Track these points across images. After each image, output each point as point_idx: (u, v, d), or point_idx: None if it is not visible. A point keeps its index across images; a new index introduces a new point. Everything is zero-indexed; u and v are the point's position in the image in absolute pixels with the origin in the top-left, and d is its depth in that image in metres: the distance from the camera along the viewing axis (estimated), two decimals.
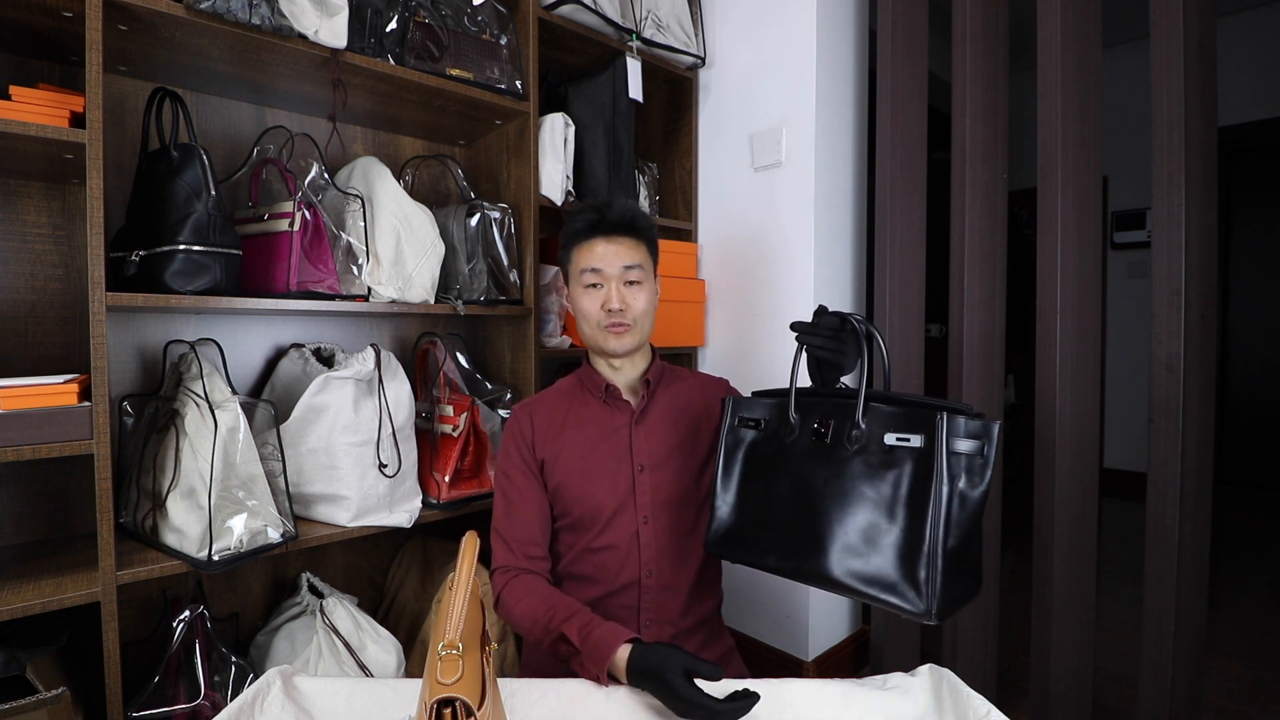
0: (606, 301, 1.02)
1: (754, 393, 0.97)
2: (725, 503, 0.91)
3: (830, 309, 0.87)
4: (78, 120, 1.03)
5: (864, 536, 0.74)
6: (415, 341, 1.62)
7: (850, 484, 0.76)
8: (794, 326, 0.89)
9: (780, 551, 0.82)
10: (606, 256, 1.02)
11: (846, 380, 0.92)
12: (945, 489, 0.69)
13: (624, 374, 1.09)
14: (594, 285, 1.04)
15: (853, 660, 1.84)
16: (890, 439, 0.74)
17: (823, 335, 0.85)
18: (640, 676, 0.77)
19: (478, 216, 1.46)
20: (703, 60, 1.89)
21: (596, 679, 0.81)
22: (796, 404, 0.86)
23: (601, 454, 1.04)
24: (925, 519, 0.69)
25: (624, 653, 0.79)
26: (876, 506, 0.74)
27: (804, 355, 0.88)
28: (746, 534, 0.87)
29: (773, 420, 0.89)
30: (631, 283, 1.04)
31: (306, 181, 1.31)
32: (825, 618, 1.75)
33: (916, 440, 0.72)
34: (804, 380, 0.89)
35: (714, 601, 1.10)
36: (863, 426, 0.77)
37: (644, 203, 1.96)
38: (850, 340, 0.85)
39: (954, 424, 0.70)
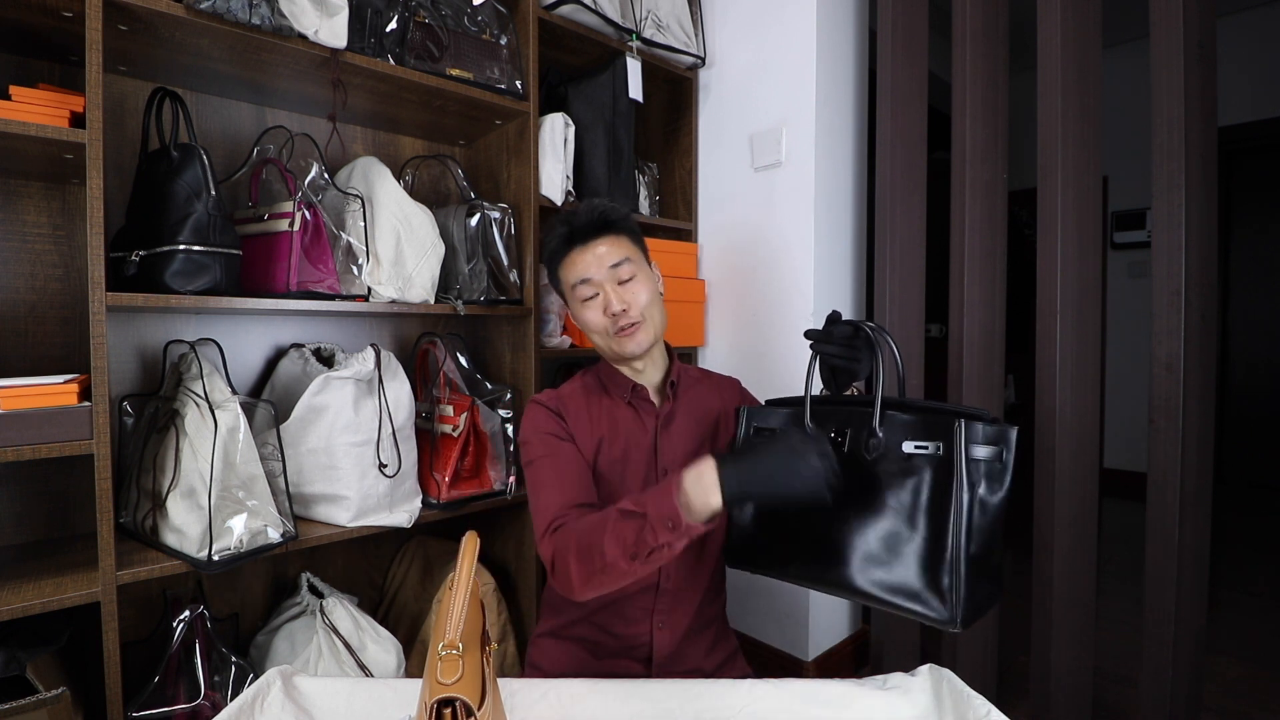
0: (607, 306, 0.99)
1: (768, 401, 0.96)
2: (744, 514, 0.90)
3: (843, 316, 0.87)
4: (78, 120, 1.03)
5: (885, 545, 0.74)
6: (415, 341, 1.62)
7: (869, 493, 0.76)
8: (809, 335, 0.88)
9: (801, 561, 0.81)
10: (590, 264, 0.99)
11: (858, 385, 0.92)
12: (966, 496, 0.69)
13: (646, 375, 1.06)
14: (590, 296, 1.00)
15: (853, 660, 1.83)
16: (909, 447, 0.74)
17: (837, 344, 0.85)
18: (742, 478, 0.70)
19: (478, 216, 1.46)
20: (703, 60, 1.89)
21: (672, 530, 0.72)
22: (812, 413, 0.86)
23: (628, 457, 1.01)
24: (947, 527, 0.69)
25: (708, 471, 0.72)
26: (897, 515, 0.74)
27: (817, 362, 0.89)
28: (765, 545, 0.87)
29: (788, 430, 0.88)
30: (625, 280, 1.00)
31: (306, 181, 1.31)
32: (825, 618, 1.75)
33: (935, 448, 0.72)
34: (815, 386, 0.89)
35: (721, 602, 1.10)
36: (880, 435, 0.77)
37: (644, 203, 1.96)
38: (864, 347, 0.85)
39: (972, 430, 0.70)
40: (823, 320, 0.90)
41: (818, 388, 0.89)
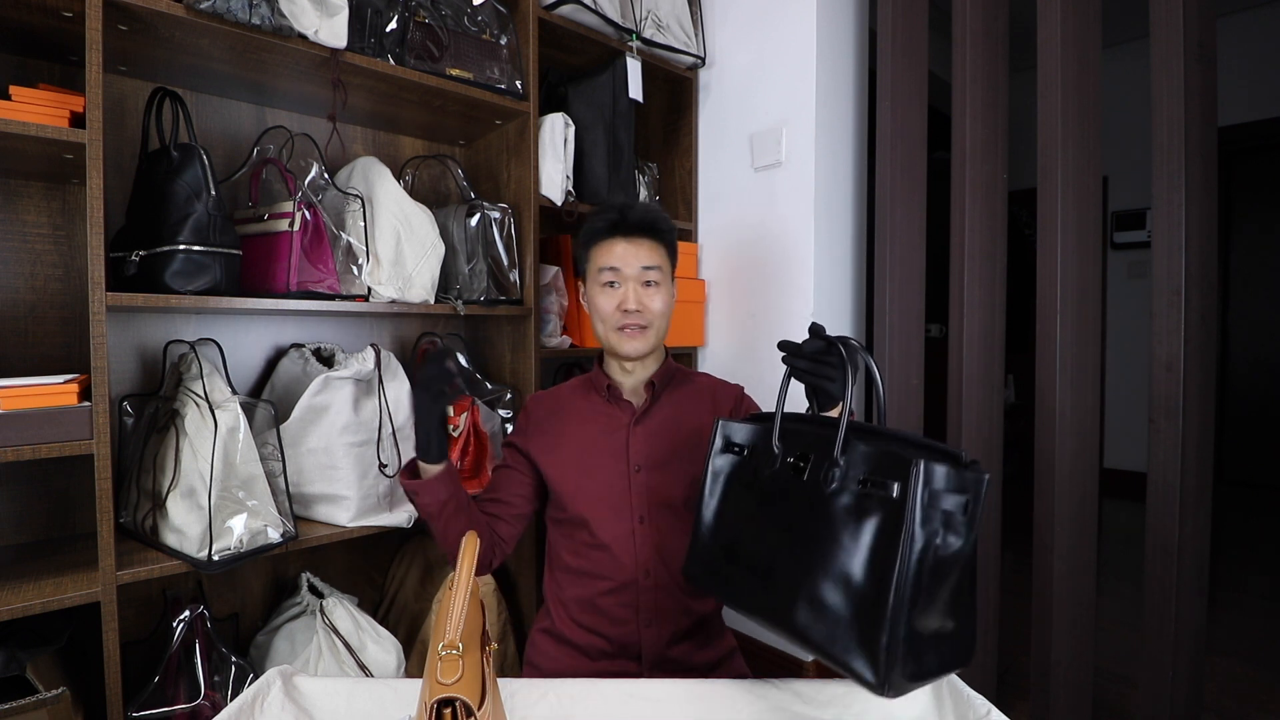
0: (623, 302, 1.02)
1: (749, 415, 0.89)
2: (706, 530, 0.83)
3: (825, 330, 0.80)
4: (78, 120, 1.03)
5: (827, 589, 0.64)
6: (415, 341, 1.62)
7: (820, 528, 0.66)
8: (782, 346, 0.82)
9: (748, 591, 0.74)
10: (625, 256, 1.03)
11: (852, 407, 0.88)
12: (915, 548, 0.59)
13: (635, 376, 1.09)
14: (611, 284, 1.04)
15: None
16: (860, 484, 0.65)
17: (806, 358, 0.80)
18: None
19: (478, 216, 1.46)
20: (703, 60, 1.89)
21: (412, 491, 0.95)
22: (782, 432, 0.77)
23: (598, 452, 1.05)
24: (890, 580, 0.59)
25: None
26: (845, 556, 0.64)
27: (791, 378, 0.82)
28: (718, 567, 0.80)
29: (755, 447, 0.81)
30: (649, 283, 1.04)
31: (306, 181, 1.31)
32: None
33: (890, 488, 0.62)
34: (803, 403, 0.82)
35: (714, 601, 1.10)
36: (841, 465, 0.67)
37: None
38: (840, 365, 0.79)
39: (931, 473, 0.59)
40: (823, 321, 0.89)
41: (804, 406, 0.84)
